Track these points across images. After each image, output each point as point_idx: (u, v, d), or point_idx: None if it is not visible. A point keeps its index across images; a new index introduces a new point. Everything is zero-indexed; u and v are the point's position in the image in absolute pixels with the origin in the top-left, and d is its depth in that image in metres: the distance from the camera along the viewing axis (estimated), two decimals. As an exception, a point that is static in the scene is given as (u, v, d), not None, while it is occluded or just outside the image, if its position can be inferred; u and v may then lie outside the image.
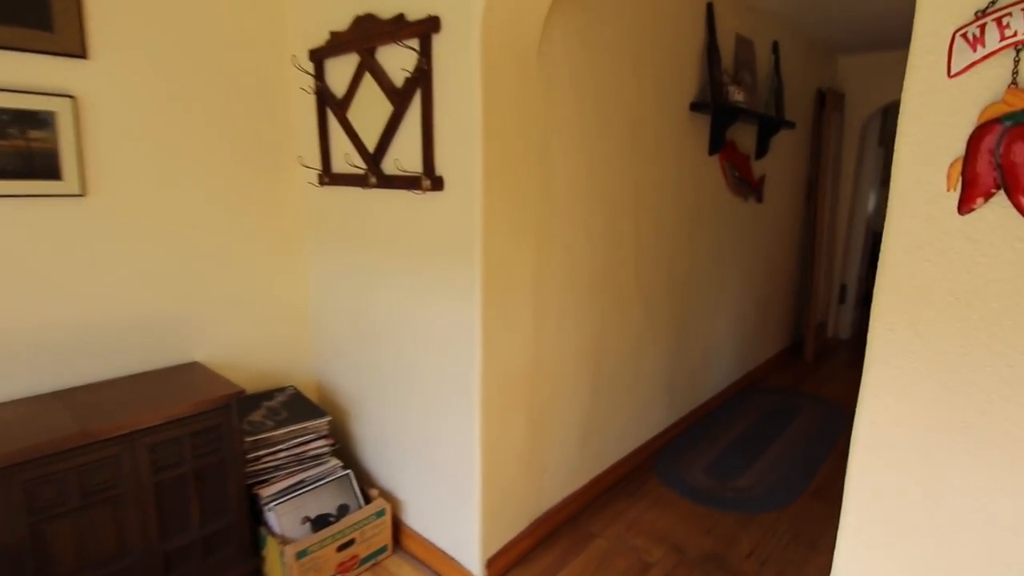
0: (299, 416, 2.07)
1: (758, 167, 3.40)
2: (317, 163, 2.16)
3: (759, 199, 3.48)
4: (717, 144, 2.84)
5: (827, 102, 4.05)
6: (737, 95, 2.79)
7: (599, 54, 2.08)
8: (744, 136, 3.20)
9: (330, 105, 2.06)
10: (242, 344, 2.19)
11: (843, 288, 4.79)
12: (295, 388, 2.28)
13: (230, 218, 2.10)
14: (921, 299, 1.01)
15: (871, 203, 4.78)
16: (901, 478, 1.07)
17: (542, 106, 1.85)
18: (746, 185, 3.27)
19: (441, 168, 1.74)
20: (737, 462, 2.76)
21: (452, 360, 1.84)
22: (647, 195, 2.45)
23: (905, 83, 0.97)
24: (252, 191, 2.14)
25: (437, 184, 1.74)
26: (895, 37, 3.85)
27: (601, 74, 2.10)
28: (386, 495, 2.17)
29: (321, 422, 2.08)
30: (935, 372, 1.01)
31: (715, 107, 2.70)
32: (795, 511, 2.38)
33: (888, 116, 4.70)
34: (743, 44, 2.99)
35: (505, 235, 1.77)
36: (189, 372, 1.98)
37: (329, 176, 2.12)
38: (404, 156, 1.84)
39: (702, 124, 2.77)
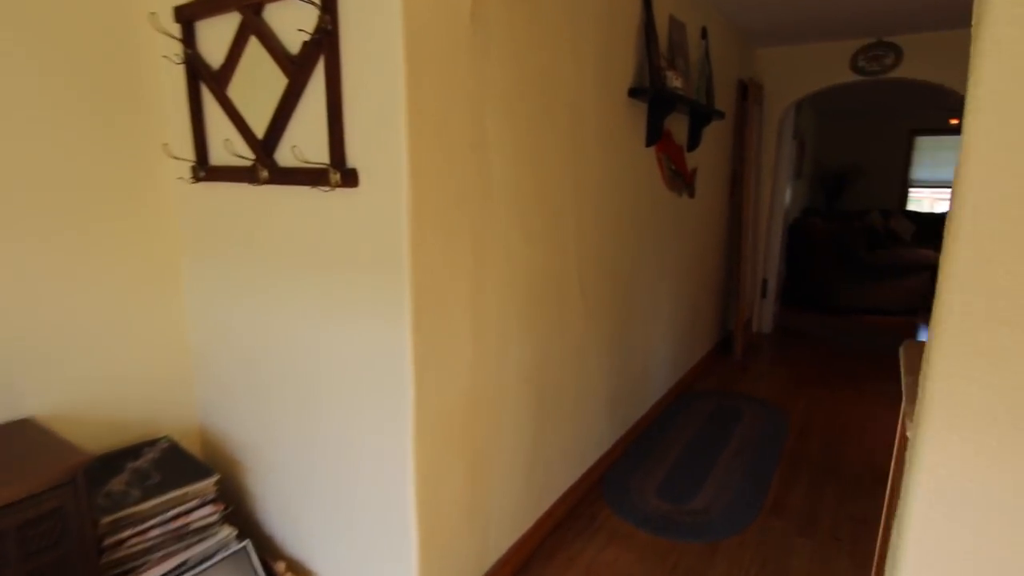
0: (176, 478, 1.61)
1: (691, 159, 3.26)
2: (189, 152, 1.70)
3: (691, 194, 3.34)
4: (655, 134, 2.63)
5: (749, 93, 4.01)
6: (675, 81, 2.59)
7: (537, 24, 1.78)
8: (677, 127, 3.03)
9: (204, 78, 1.61)
10: (95, 387, 1.69)
11: (764, 283, 4.83)
12: (171, 440, 1.80)
13: (72, 223, 1.59)
14: (1000, 321, 0.79)
15: (788, 196, 4.85)
16: (975, 539, 0.85)
17: (476, 82, 1.52)
18: (680, 179, 3.11)
19: (354, 158, 1.36)
20: (688, 479, 2.57)
21: (376, 396, 1.47)
22: (588, 190, 2.19)
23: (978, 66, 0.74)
24: (102, 190, 1.64)
25: (349, 178, 1.36)
26: (811, 30, 3.86)
27: (540, 47, 1.80)
28: (297, 568, 1.75)
29: (206, 483, 1.63)
30: (1018, 411, 0.79)
31: (653, 94, 2.48)
32: (757, 533, 2.22)
33: (801, 110, 4.77)
34: (677, 27, 2.81)
35: (438, 239, 1.42)
36: (16, 435, 1.47)
37: (206, 169, 1.67)
38: (305, 143, 1.44)
39: (638, 113, 2.55)
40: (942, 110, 7.71)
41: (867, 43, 4.03)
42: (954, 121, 7.92)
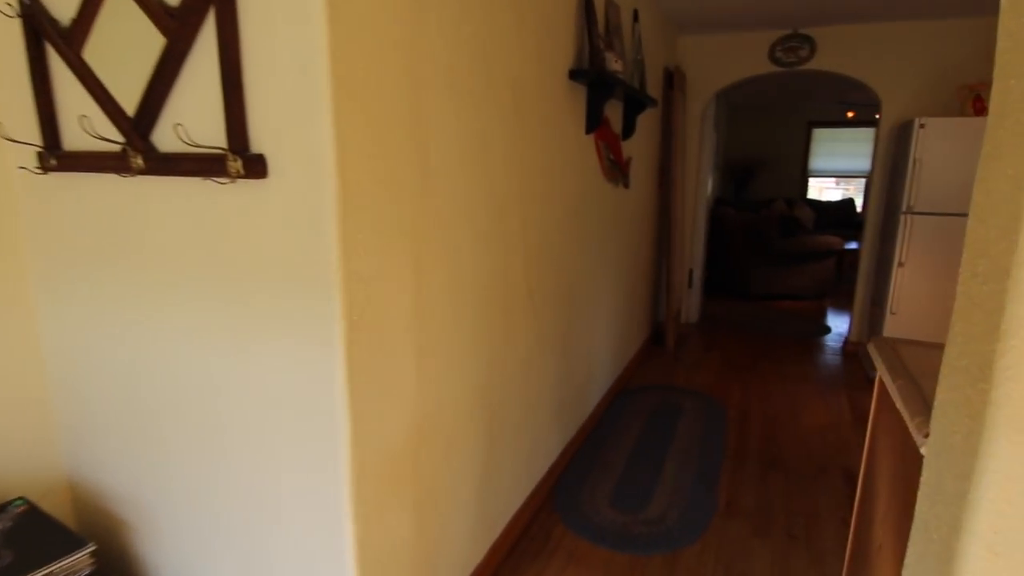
0: (37, 553, 1.25)
1: (626, 149, 3.14)
2: (33, 134, 1.32)
3: (627, 184, 3.22)
4: (595, 121, 2.46)
5: (675, 82, 3.96)
6: (614, 64, 2.44)
7: (477, -11, 1.54)
8: (613, 114, 2.89)
9: (50, 37, 1.24)
10: (-88, 444, 1.28)
11: (690, 273, 4.86)
12: (27, 502, 1.42)
13: None
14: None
15: (709, 187, 4.89)
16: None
17: (412, 49, 1.26)
18: (617, 169, 2.97)
19: (260, 140, 1.07)
20: (639, 485, 2.45)
21: (300, 431, 1.19)
22: (534, 180, 1.98)
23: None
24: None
25: (255, 167, 1.07)
26: (732, 19, 3.86)
27: (482, 14, 1.56)
28: (203, 646, 1.44)
29: (79, 557, 1.28)
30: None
31: (593, 76, 2.31)
32: (715, 538, 2.12)
33: (721, 100, 4.82)
34: (612, 8, 2.65)
35: (372, 242, 1.16)
36: None
37: (58, 155, 1.29)
38: (193, 121, 1.12)
39: (578, 97, 2.37)
40: (839, 104, 8.19)
41: (784, 34, 4.09)
42: (851, 114, 8.43)
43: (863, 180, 9.48)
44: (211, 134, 1.10)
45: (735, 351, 4.28)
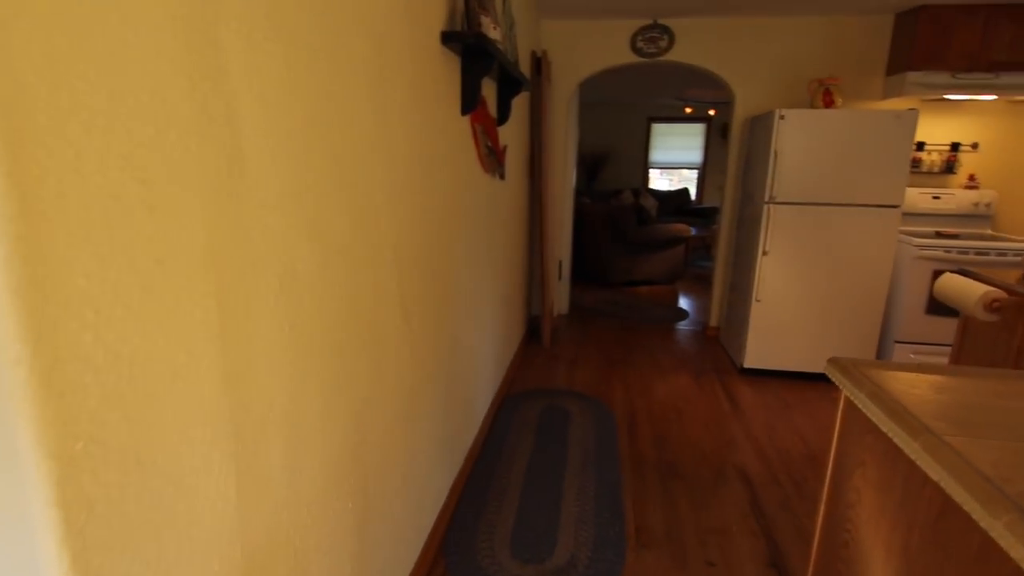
0: None
1: (501, 136, 2.79)
2: None
3: (503, 175, 2.88)
4: (472, 99, 2.07)
5: (542, 67, 3.69)
6: (492, 30, 2.06)
7: None
8: (488, 95, 2.51)
9: None
10: None
11: (560, 264, 4.69)
12: None
13: None
14: None
15: (574, 178, 4.75)
16: None
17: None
18: (494, 158, 2.61)
19: None
20: (540, 520, 2.14)
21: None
22: (410, 171, 1.54)
23: None
24: None
25: None
26: (594, 4, 3.68)
27: (331, -67, 1.08)
28: None
29: None
30: None
31: (470, 41, 1.91)
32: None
33: (584, 90, 4.68)
34: (484, -32, 2.26)
35: (119, 287, 0.66)
36: None
37: None
38: None
39: (451, 69, 1.96)
40: (677, 100, 8.63)
41: (644, 24, 4.02)
42: (689, 110, 8.94)
43: (686, 170, 10.23)
44: None
45: (609, 343, 4.18)
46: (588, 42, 4.11)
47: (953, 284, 2.42)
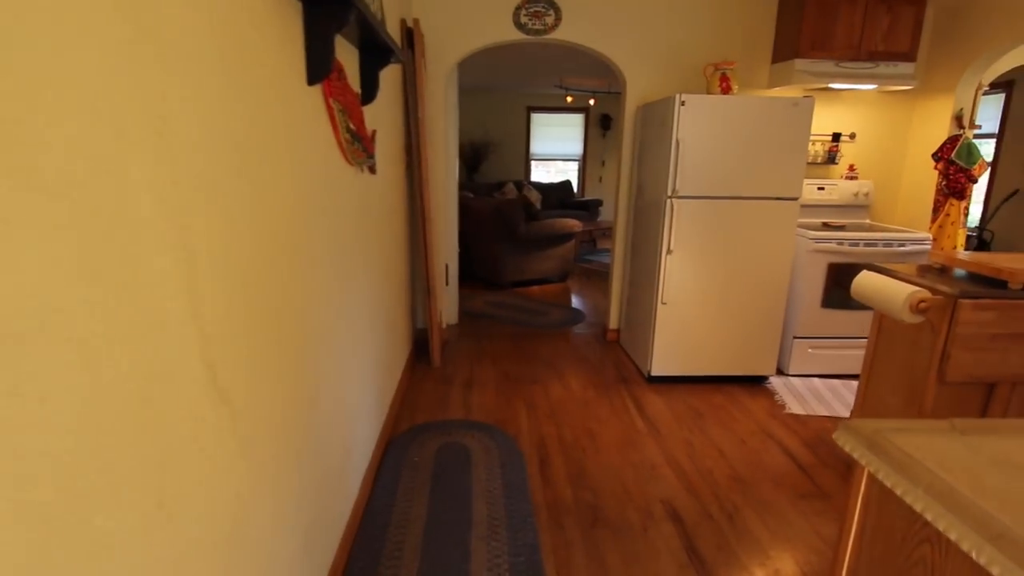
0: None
1: (369, 118, 2.22)
2: None
3: (373, 168, 2.32)
4: (322, 63, 1.51)
5: (415, 40, 3.15)
6: (347, -27, 1.50)
7: None
8: (348, 64, 1.94)
9: None
10: None
11: (446, 268, 4.18)
12: None
13: None
14: None
15: (456, 171, 4.26)
16: None
17: None
18: (360, 145, 2.04)
19: None
20: (446, 612, 1.65)
21: None
22: (208, 168, 0.96)
23: None
24: None
25: None
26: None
27: None
28: None
29: None
30: None
31: (315, -14, 1.35)
32: None
33: (461, 75, 4.19)
34: None
35: None
36: None
37: None
38: None
39: (290, 22, 1.38)
40: (557, 89, 8.42)
41: (528, -3, 3.61)
42: (570, 99, 8.76)
43: (562, 162, 10.16)
44: None
45: (506, 356, 3.76)
46: (467, 15, 3.62)
47: (873, 284, 2.26)
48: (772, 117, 3.02)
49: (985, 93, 3.66)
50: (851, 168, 3.87)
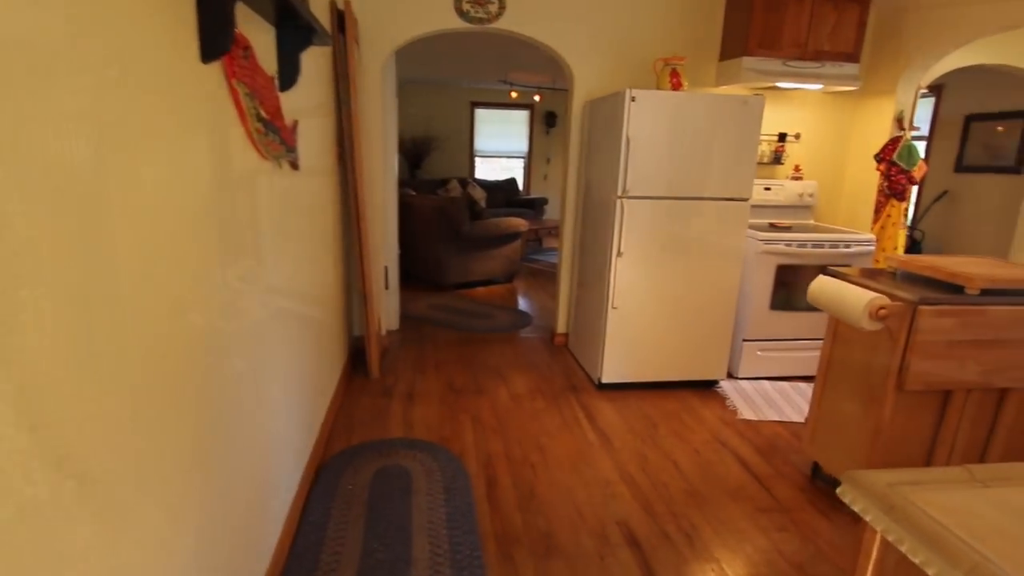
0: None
1: (288, 107, 1.95)
2: None
3: (295, 163, 2.05)
4: (219, 35, 1.25)
5: (347, 24, 2.88)
6: (250, -71, 1.25)
7: None
8: (260, 42, 1.68)
9: None
10: None
11: (385, 271, 3.92)
12: None
13: None
14: None
15: (396, 167, 4.00)
16: None
17: None
18: (276, 136, 1.78)
19: None
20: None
21: None
22: (42, 161, 0.71)
23: None
24: None
25: None
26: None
27: None
28: None
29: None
30: None
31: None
32: None
33: (402, 66, 3.93)
34: None
35: None
36: None
37: None
38: None
39: (178, -18, 1.12)
40: (501, 84, 8.22)
41: (470, -17, 3.40)
42: (514, 95, 8.58)
43: (507, 159, 10.00)
44: None
45: (450, 363, 3.55)
46: (404, 1, 3.37)
47: (830, 289, 2.19)
48: (723, 115, 2.93)
49: (922, 96, 3.73)
50: (796, 168, 3.87)
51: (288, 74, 1.87)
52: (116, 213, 0.88)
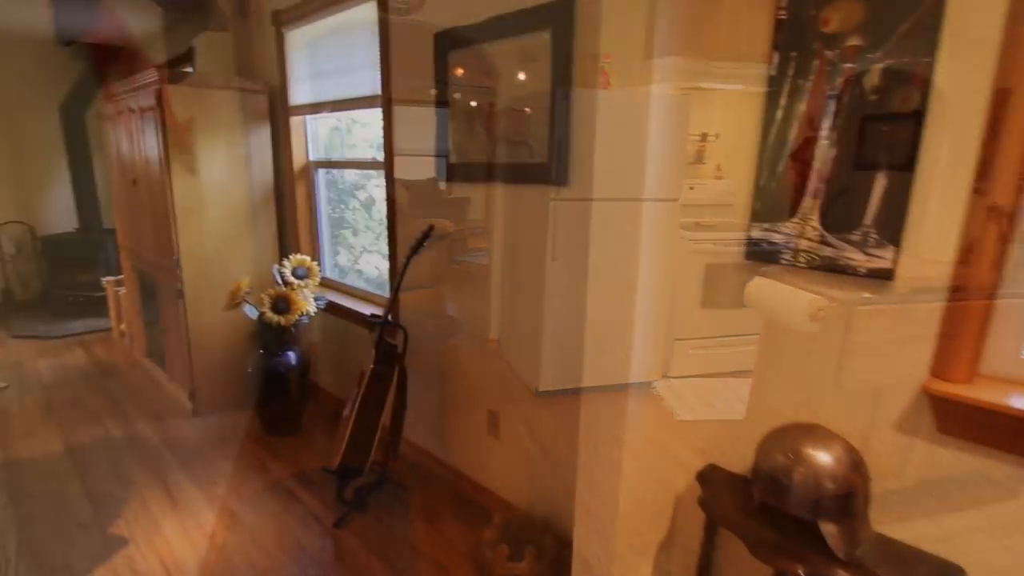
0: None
1: (179, 101, 1.67)
2: None
3: (191, 168, 1.77)
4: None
5: (250, 6, 2.58)
6: None
7: None
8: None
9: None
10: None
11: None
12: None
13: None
14: None
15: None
16: None
17: None
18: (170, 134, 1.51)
19: None
20: None
21: None
22: None
23: None
24: None
25: None
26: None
27: None
28: None
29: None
30: None
31: None
32: None
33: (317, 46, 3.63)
34: None
35: None
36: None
37: None
38: None
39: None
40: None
41: (385, -30, 3.18)
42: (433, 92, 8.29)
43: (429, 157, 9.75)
44: None
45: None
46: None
47: (767, 291, 2.18)
48: (654, 114, 2.90)
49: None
50: (718, 168, 3.93)
51: (178, 57, 1.60)
52: None
